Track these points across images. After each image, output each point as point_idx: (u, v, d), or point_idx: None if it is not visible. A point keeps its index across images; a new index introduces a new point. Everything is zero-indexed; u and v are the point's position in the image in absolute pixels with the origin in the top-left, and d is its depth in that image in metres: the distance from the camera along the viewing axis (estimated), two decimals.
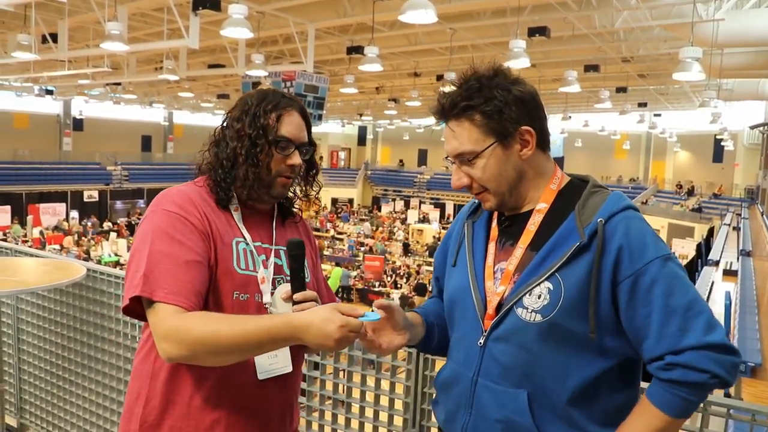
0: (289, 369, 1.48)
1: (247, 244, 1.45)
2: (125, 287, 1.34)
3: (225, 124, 1.50)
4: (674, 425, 1.22)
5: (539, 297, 1.23)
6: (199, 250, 1.35)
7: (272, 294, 1.46)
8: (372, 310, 1.35)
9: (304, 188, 1.60)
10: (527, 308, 1.25)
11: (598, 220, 1.21)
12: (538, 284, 1.24)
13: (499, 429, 1.30)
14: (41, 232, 22.04)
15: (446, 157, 1.37)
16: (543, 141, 1.33)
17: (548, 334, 1.23)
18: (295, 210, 1.63)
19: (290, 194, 1.58)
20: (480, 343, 1.33)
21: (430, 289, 1.81)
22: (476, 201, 1.46)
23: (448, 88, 1.36)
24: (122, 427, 1.45)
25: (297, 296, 1.40)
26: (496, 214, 1.42)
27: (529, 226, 1.32)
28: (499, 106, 1.26)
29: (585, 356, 1.24)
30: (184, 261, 1.31)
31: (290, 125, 1.48)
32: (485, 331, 1.32)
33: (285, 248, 1.52)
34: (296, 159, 1.49)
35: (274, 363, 1.45)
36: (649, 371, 1.23)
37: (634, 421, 1.23)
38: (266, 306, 1.44)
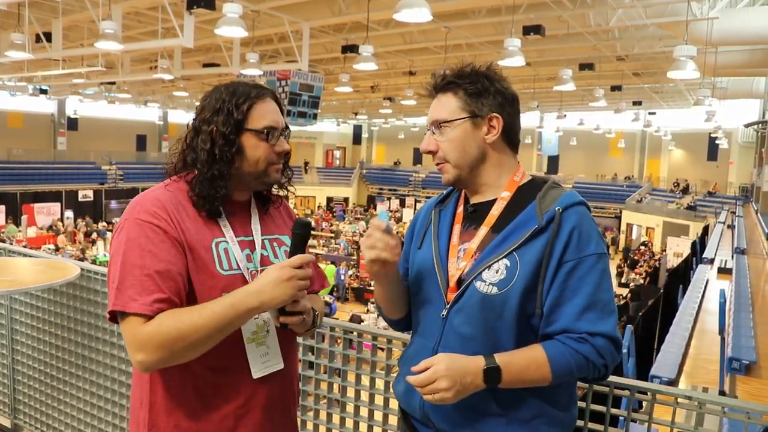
0: (281, 365, 1.49)
1: (228, 242, 1.43)
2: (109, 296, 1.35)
3: (198, 125, 1.43)
4: (538, 380, 1.33)
5: (497, 272, 1.36)
6: (171, 258, 1.32)
7: None
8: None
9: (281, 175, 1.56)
10: (485, 281, 1.37)
11: (556, 208, 1.36)
12: (497, 261, 1.37)
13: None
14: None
15: (428, 129, 1.50)
16: (510, 136, 1.48)
17: (502, 307, 1.35)
18: (274, 195, 1.61)
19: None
20: (443, 315, 1.44)
21: None
22: (443, 193, 1.63)
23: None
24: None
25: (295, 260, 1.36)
26: (462, 202, 1.55)
27: (492, 211, 1.46)
28: (480, 90, 1.44)
29: (527, 332, 1.37)
30: (155, 271, 1.29)
31: (270, 113, 1.47)
32: (447, 304, 1.43)
33: (276, 237, 1.55)
34: (285, 144, 1.49)
35: (266, 361, 1.46)
36: (547, 336, 1.36)
37: (520, 353, 1.34)
38: None
